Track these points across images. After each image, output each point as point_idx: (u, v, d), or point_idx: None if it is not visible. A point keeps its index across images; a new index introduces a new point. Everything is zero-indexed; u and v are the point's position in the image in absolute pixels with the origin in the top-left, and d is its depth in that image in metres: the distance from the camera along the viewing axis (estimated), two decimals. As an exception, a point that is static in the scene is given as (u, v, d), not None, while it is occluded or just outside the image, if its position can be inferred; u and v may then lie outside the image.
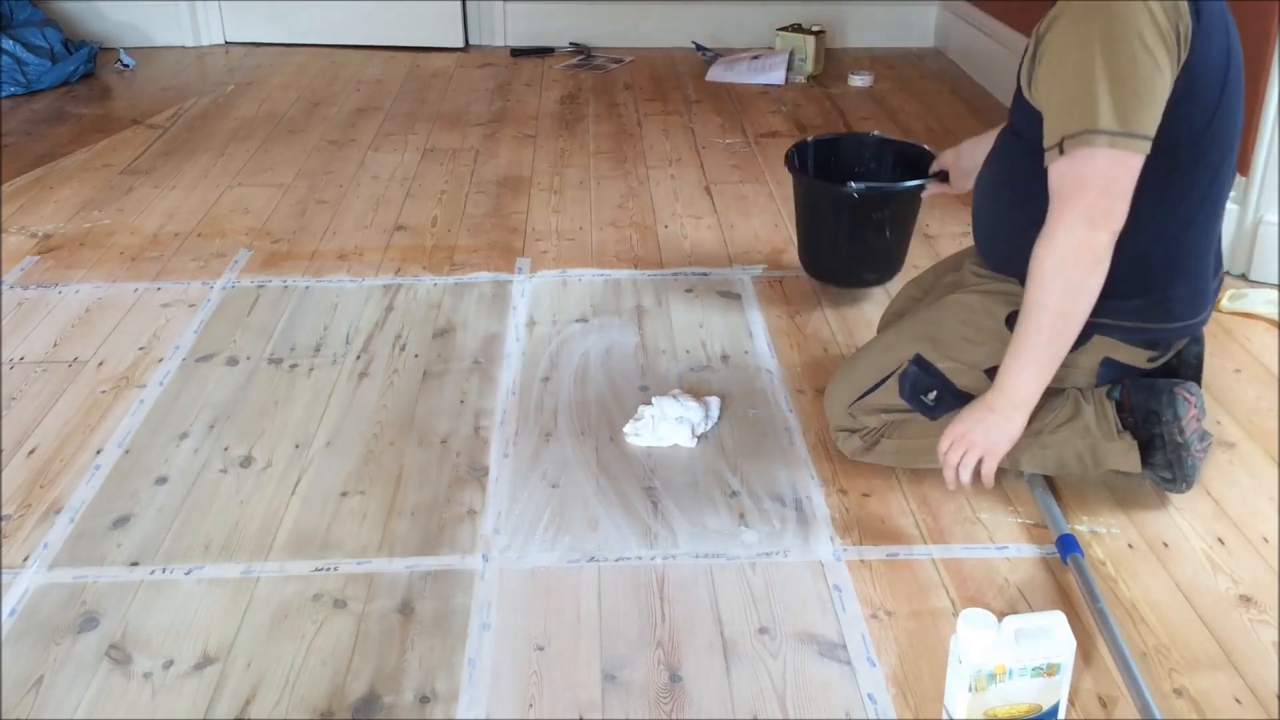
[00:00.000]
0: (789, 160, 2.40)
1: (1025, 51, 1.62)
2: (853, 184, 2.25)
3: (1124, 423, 1.70)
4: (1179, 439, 1.67)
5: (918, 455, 1.77)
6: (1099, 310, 1.57)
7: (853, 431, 1.80)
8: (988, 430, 1.61)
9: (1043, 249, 1.53)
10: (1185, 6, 1.49)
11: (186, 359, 2.19)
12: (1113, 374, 1.72)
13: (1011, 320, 1.65)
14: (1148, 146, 1.48)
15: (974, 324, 1.73)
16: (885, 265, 2.41)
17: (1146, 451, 1.70)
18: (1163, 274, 1.65)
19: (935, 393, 1.74)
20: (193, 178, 3.14)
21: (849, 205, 2.27)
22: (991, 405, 1.61)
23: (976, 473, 1.65)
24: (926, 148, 2.34)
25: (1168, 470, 1.70)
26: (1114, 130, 1.46)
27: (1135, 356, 1.70)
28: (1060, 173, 1.51)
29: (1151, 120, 1.48)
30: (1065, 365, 1.62)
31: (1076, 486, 1.80)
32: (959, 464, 1.64)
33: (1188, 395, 1.67)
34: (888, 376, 1.76)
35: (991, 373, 1.66)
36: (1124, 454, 1.69)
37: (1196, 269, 1.68)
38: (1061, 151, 1.50)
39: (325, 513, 1.75)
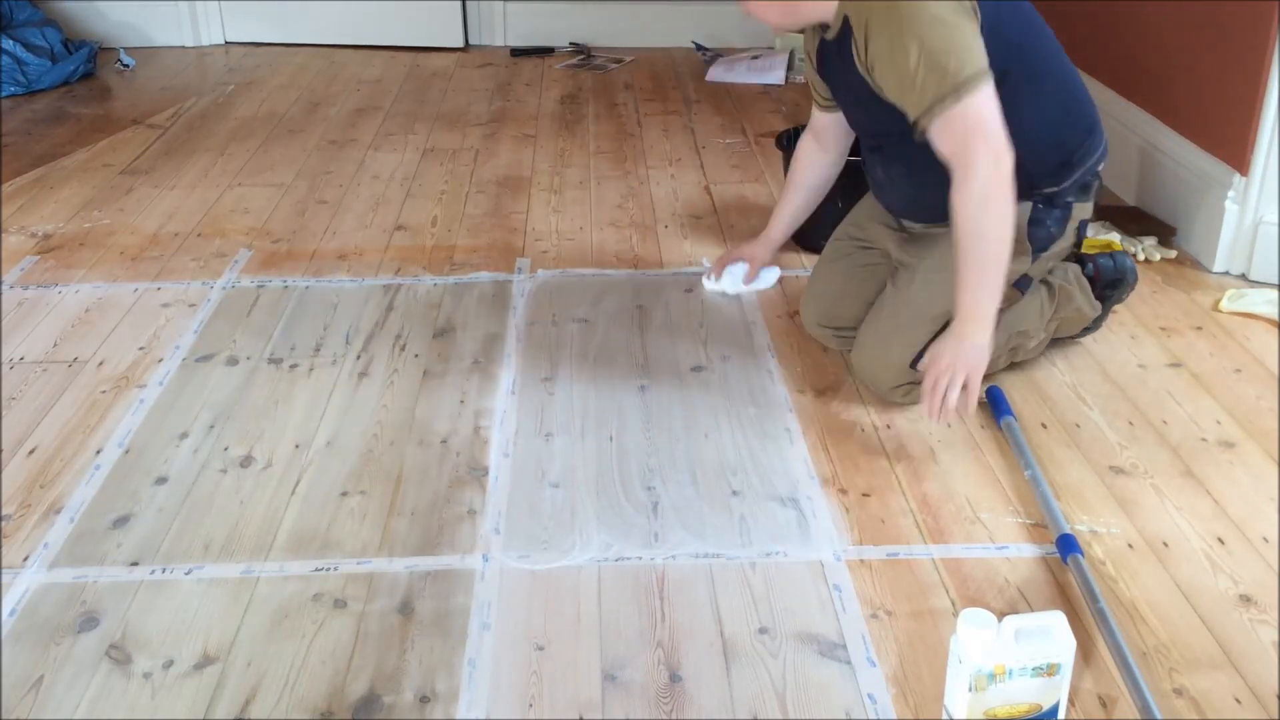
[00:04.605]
0: (779, 141, 2.71)
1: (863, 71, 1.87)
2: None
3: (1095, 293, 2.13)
4: (1124, 297, 2.20)
5: None
6: (1062, 186, 1.95)
7: (913, 384, 1.98)
8: (966, 355, 1.80)
9: (964, 194, 1.75)
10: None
11: (186, 359, 2.19)
12: (1082, 232, 2.07)
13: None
14: (987, 76, 1.74)
15: None
16: None
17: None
18: (1074, 135, 1.95)
19: None
20: (193, 178, 3.14)
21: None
22: (961, 334, 1.81)
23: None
24: None
25: (1099, 318, 2.17)
26: (957, 84, 1.73)
27: (1087, 208, 2.04)
28: (941, 134, 1.77)
29: (972, 59, 1.74)
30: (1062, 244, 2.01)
31: (1076, 486, 1.80)
32: (945, 391, 1.80)
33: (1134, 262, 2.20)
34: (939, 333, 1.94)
35: (1018, 284, 1.98)
36: (1091, 316, 2.14)
37: (1087, 112, 1.99)
38: (933, 120, 1.76)
39: (325, 513, 1.75)
